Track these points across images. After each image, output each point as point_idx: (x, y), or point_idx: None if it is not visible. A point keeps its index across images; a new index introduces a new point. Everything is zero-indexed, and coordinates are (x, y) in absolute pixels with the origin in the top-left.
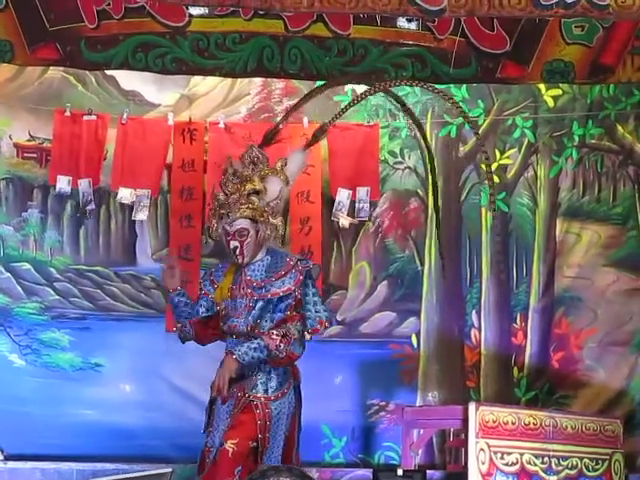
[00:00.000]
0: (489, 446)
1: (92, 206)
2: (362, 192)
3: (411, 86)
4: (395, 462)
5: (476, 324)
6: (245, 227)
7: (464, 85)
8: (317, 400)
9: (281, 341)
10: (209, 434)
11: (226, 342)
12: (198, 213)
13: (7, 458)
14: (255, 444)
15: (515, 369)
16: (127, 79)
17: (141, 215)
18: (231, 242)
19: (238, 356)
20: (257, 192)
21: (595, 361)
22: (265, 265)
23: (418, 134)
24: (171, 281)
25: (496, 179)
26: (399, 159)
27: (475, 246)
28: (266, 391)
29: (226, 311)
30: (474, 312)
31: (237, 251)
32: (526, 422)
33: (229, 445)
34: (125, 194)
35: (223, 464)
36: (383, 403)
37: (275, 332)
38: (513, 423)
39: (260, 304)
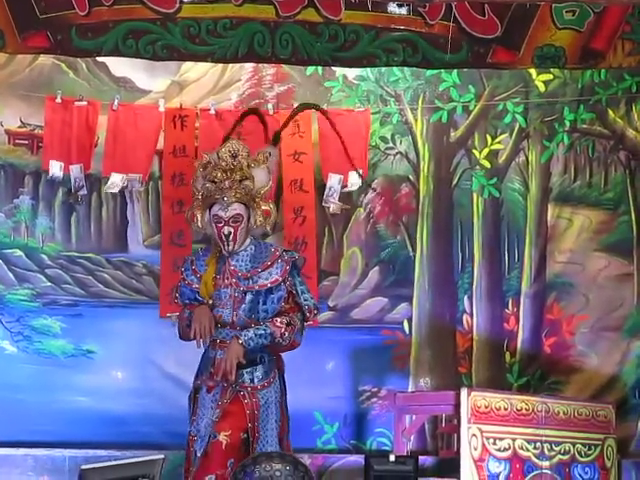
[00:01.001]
0: (481, 432)
1: (84, 191)
2: (354, 175)
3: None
4: (387, 448)
5: (468, 310)
6: (240, 212)
7: (455, 70)
8: (309, 386)
9: (286, 329)
10: (192, 422)
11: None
12: (189, 199)
13: None
14: (245, 435)
15: (507, 354)
16: (118, 66)
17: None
18: (225, 228)
19: (244, 341)
20: (248, 178)
21: (587, 346)
22: (249, 255)
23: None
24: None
25: (487, 164)
26: (390, 145)
27: (466, 231)
28: (252, 380)
29: (211, 301)
30: (466, 298)
31: (230, 237)
32: (518, 408)
33: (222, 437)
34: (116, 179)
35: (216, 456)
36: (375, 389)
37: (279, 320)
38: (505, 409)
39: (249, 297)
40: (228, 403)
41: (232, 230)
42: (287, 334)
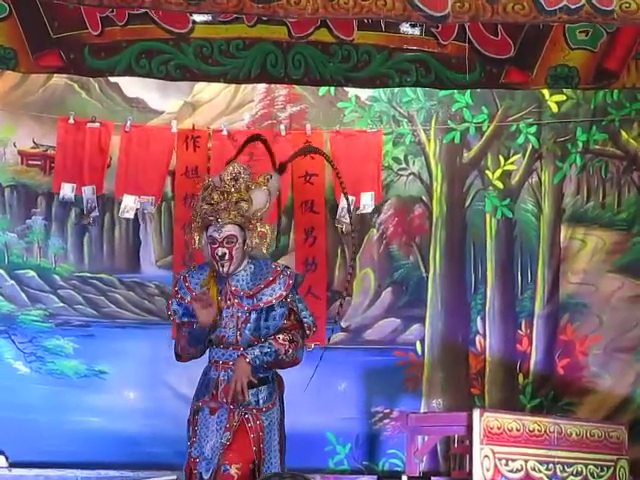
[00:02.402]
0: (494, 452)
1: (96, 212)
2: (367, 197)
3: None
4: (400, 469)
5: (481, 331)
6: (233, 234)
7: (468, 91)
8: (321, 407)
9: (289, 346)
10: (192, 444)
11: (210, 351)
12: None
13: (12, 465)
14: (253, 465)
15: (520, 376)
16: (130, 86)
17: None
18: (218, 249)
19: (251, 359)
20: (244, 200)
21: (601, 368)
22: (249, 274)
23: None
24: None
25: (500, 185)
26: (403, 165)
27: (479, 252)
28: (257, 402)
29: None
30: (479, 318)
31: (225, 257)
32: (531, 428)
33: (234, 471)
34: (129, 202)
35: None
36: (387, 410)
37: (282, 337)
38: (518, 429)
39: (254, 315)
40: (237, 429)
41: (226, 251)
42: (291, 351)
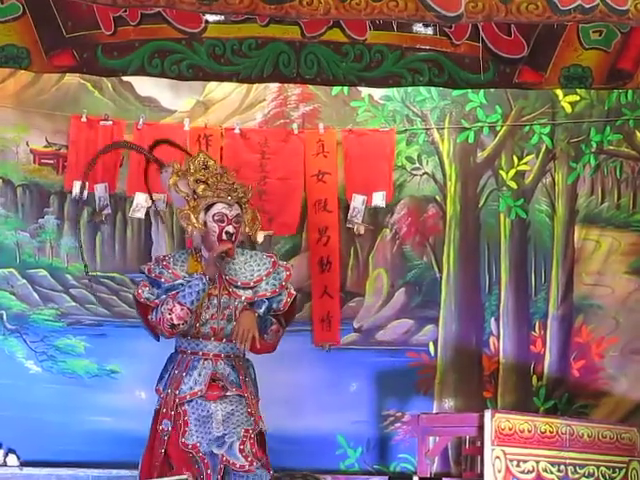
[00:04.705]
0: (505, 454)
1: (108, 210)
2: (378, 197)
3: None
4: (410, 472)
5: (494, 332)
6: (240, 213)
7: (481, 90)
8: (333, 409)
9: (279, 328)
10: (184, 434)
11: (189, 343)
12: None
13: (23, 464)
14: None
15: (534, 378)
16: (143, 85)
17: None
18: (228, 227)
19: (258, 315)
20: (238, 184)
21: (617, 370)
22: (242, 262)
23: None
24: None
25: (514, 185)
26: (417, 165)
27: (493, 253)
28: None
29: (201, 311)
30: (492, 320)
31: (232, 237)
32: (542, 430)
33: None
34: (141, 200)
35: None
36: (399, 414)
37: (275, 319)
38: (529, 431)
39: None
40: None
41: (234, 231)
42: (281, 332)
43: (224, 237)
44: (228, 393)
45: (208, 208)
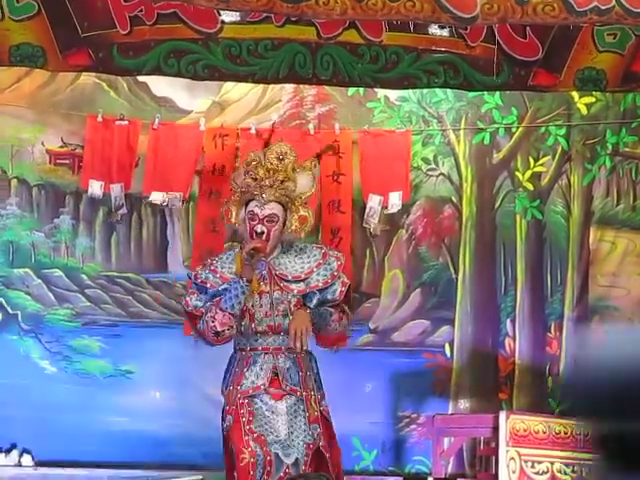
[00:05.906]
0: (519, 455)
1: (124, 210)
2: (394, 197)
3: None
4: (425, 474)
5: (510, 333)
6: (276, 212)
7: (497, 92)
8: (348, 410)
9: (341, 316)
10: (249, 432)
11: (249, 339)
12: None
13: (37, 464)
14: None
15: (549, 379)
16: (159, 85)
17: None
18: (258, 226)
19: (310, 309)
20: (290, 180)
21: None
22: (293, 257)
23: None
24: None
25: (530, 186)
26: (432, 166)
27: (509, 254)
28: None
29: (254, 311)
30: (508, 321)
31: (263, 237)
32: (557, 431)
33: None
34: (157, 197)
35: None
36: (414, 415)
37: (334, 309)
38: (544, 432)
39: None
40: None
41: (265, 230)
42: (343, 320)
43: (254, 236)
44: (289, 392)
45: (247, 204)
